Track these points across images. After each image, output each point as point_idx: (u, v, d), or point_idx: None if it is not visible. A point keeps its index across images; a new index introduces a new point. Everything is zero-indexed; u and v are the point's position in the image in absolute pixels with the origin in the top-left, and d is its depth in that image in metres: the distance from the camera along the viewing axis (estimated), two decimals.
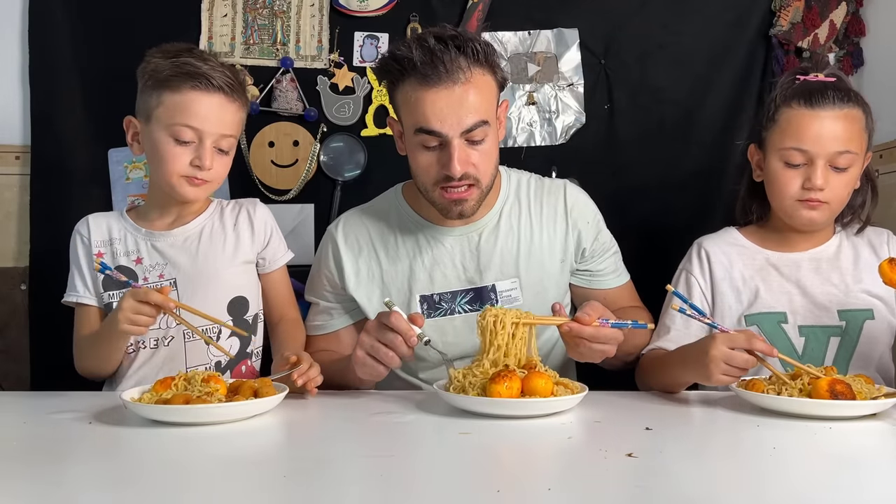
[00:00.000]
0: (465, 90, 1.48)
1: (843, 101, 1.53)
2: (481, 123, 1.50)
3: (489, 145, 1.54)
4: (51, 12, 2.10)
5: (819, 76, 1.59)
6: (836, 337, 1.57)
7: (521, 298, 1.65)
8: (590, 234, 1.71)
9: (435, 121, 1.49)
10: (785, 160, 1.56)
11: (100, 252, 1.64)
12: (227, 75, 1.56)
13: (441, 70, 1.47)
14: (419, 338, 1.39)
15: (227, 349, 1.59)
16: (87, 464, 1.08)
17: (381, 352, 1.38)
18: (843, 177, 1.54)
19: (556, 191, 1.72)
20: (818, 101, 1.53)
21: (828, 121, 1.53)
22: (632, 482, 0.97)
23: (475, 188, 1.55)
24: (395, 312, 1.39)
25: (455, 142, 1.50)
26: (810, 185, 1.53)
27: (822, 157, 1.52)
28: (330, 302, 1.71)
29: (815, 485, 0.98)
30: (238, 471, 1.04)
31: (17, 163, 2.13)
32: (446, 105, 1.48)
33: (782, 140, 1.56)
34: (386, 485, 0.96)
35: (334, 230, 1.72)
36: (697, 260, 1.67)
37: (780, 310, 1.60)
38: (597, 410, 1.32)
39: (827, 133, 1.52)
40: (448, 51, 1.47)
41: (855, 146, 1.53)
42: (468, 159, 1.52)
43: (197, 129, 1.54)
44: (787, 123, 1.56)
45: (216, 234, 1.67)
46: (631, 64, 2.17)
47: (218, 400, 1.27)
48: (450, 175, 1.51)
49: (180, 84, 1.53)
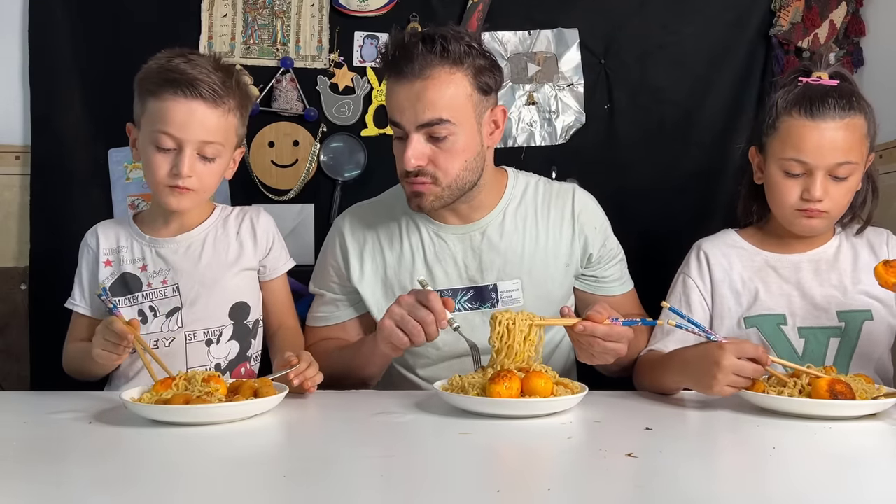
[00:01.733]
0: (424, 86, 1.51)
1: (844, 110, 1.51)
2: (440, 121, 1.51)
3: (454, 144, 1.54)
4: (51, 12, 2.10)
5: (822, 77, 1.57)
6: (835, 338, 1.57)
7: (522, 300, 1.65)
8: (597, 240, 1.71)
9: (396, 112, 1.54)
10: (784, 169, 1.55)
11: (108, 260, 1.65)
12: (213, 80, 1.53)
13: (405, 64, 1.50)
14: (449, 323, 1.40)
15: (227, 352, 1.62)
16: (87, 464, 1.08)
17: (411, 325, 1.39)
18: (842, 186, 1.53)
19: (565, 195, 1.71)
20: (819, 110, 1.51)
21: (828, 132, 1.51)
22: (632, 482, 0.97)
23: (434, 185, 1.56)
24: (433, 292, 1.40)
25: (413, 136, 1.52)
26: (809, 195, 1.52)
27: (821, 168, 1.51)
28: (336, 294, 1.72)
29: (815, 485, 0.98)
30: (238, 471, 1.04)
31: (17, 163, 2.13)
32: (405, 98, 1.52)
33: (782, 149, 1.54)
34: (386, 485, 0.96)
35: (341, 222, 1.73)
36: (696, 263, 1.67)
37: (780, 311, 1.59)
38: (597, 410, 1.32)
39: (827, 144, 1.50)
40: (416, 47, 1.51)
41: (855, 155, 1.52)
42: (425, 154, 1.53)
43: (175, 137, 1.52)
44: (787, 133, 1.54)
45: (219, 241, 1.67)
46: (631, 64, 2.17)
47: (218, 400, 1.26)
48: (404, 167, 1.53)
49: (161, 91, 1.53)
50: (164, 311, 1.62)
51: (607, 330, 1.36)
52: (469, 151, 1.57)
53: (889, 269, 1.38)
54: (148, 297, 1.63)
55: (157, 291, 1.63)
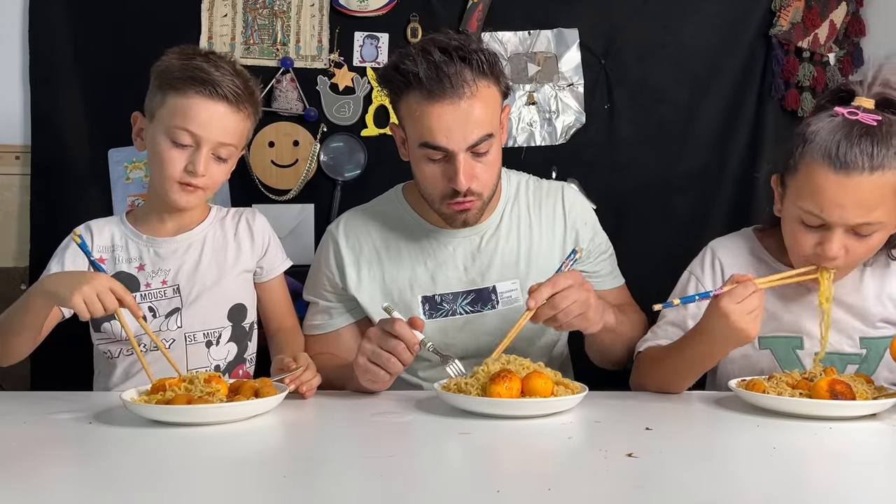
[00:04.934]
0: (470, 105, 1.47)
1: (876, 162, 1.32)
2: (486, 137, 1.50)
3: (493, 156, 1.54)
4: (51, 12, 2.09)
5: (863, 106, 1.38)
6: (853, 364, 1.49)
7: (521, 299, 1.65)
8: (587, 234, 1.71)
9: (441, 136, 1.48)
10: (801, 218, 1.40)
11: (101, 258, 1.63)
12: (237, 84, 1.55)
13: (446, 85, 1.45)
14: (422, 344, 1.38)
15: (226, 354, 1.63)
16: (87, 464, 1.08)
17: (384, 358, 1.38)
18: (864, 243, 1.39)
19: (555, 192, 1.73)
20: (846, 161, 1.33)
21: (852, 189, 1.33)
22: (632, 482, 0.97)
23: (478, 200, 1.56)
24: (398, 319, 1.38)
25: (461, 156, 1.49)
26: (823, 252, 1.38)
27: (840, 226, 1.36)
28: (330, 301, 1.71)
29: (815, 485, 0.98)
30: (238, 471, 1.04)
31: (17, 163, 2.12)
32: (452, 120, 1.47)
33: (800, 196, 1.39)
34: (386, 485, 0.96)
35: (335, 230, 1.71)
36: (711, 271, 1.57)
37: (797, 334, 1.51)
38: (597, 410, 1.32)
39: (850, 202, 1.34)
40: (453, 63, 1.46)
41: (882, 215, 1.35)
42: (472, 172, 1.51)
43: (195, 135, 1.53)
44: (807, 179, 1.37)
45: (218, 242, 1.67)
46: (631, 64, 2.17)
47: (219, 400, 1.27)
48: (456, 189, 1.51)
49: (186, 87, 1.53)
50: (164, 312, 1.62)
51: (549, 286, 1.36)
52: (500, 158, 1.57)
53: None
54: (147, 297, 1.63)
55: (157, 292, 1.63)
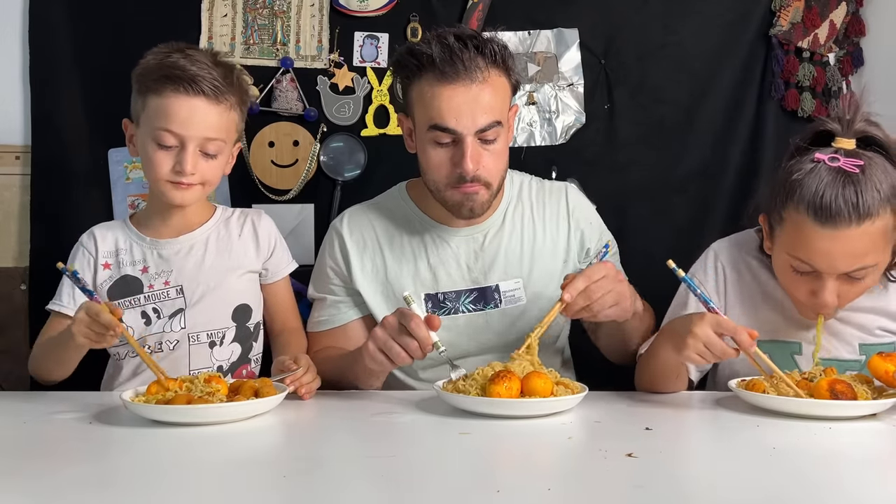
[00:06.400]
0: (481, 89, 1.49)
1: (861, 216, 1.28)
2: (495, 124, 1.51)
3: (500, 146, 1.55)
4: (51, 12, 2.09)
5: (843, 149, 1.33)
6: (852, 371, 1.45)
7: (524, 298, 1.66)
8: (593, 234, 1.72)
9: (450, 118, 1.49)
10: (791, 265, 1.37)
11: (107, 263, 1.64)
12: (214, 76, 1.53)
13: (459, 67, 1.48)
14: (435, 346, 1.37)
15: (229, 355, 1.63)
16: (87, 464, 1.08)
17: (394, 351, 1.37)
18: (858, 286, 1.37)
19: (558, 192, 1.73)
20: (832, 218, 1.29)
21: (840, 242, 1.30)
22: (632, 482, 0.97)
23: (485, 189, 1.56)
24: (416, 317, 1.36)
25: (468, 140, 1.50)
26: (816, 298, 1.37)
27: (832, 275, 1.34)
28: (338, 296, 1.70)
29: (815, 485, 0.98)
30: (238, 471, 1.04)
31: (17, 163, 2.12)
32: (463, 102, 1.49)
33: (789, 246, 1.36)
34: (386, 485, 0.96)
35: (339, 224, 1.72)
36: (714, 274, 1.56)
37: (796, 340, 1.50)
38: (597, 410, 1.32)
39: (839, 253, 1.31)
40: (467, 49, 1.49)
41: (873, 258, 1.33)
42: (479, 158, 1.52)
43: (178, 134, 1.52)
44: (795, 232, 1.34)
45: (222, 243, 1.67)
46: (631, 64, 2.17)
47: (219, 400, 1.27)
48: (462, 174, 1.51)
49: (162, 87, 1.52)
50: (167, 313, 1.62)
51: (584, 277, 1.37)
52: (507, 152, 1.59)
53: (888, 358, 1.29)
54: (150, 298, 1.62)
55: (160, 293, 1.63)
